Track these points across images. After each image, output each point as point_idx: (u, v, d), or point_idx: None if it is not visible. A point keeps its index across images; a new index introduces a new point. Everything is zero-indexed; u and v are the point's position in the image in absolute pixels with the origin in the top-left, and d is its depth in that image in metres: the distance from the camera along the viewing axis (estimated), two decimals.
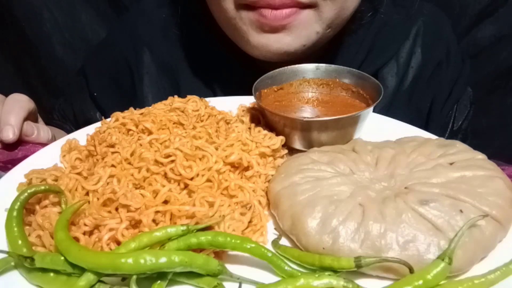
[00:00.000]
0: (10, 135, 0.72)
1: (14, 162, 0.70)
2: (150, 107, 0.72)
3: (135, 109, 0.73)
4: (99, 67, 1.02)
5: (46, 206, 0.56)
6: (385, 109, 0.91)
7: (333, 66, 0.76)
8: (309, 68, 0.77)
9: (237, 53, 0.87)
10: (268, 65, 0.82)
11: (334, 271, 0.48)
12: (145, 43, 0.97)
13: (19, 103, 0.77)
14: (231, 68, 0.93)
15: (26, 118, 0.77)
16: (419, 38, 0.95)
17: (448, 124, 0.98)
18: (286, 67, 0.77)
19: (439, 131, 0.94)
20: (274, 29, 0.77)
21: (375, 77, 0.87)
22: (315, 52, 0.85)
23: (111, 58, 1.01)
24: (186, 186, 0.58)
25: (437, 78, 0.96)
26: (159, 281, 0.48)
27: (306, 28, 0.78)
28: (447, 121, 0.98)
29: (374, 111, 0.69)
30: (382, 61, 0.93)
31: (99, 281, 0.47)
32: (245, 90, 0.75)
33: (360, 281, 0.47)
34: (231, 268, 0.50)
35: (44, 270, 0.48)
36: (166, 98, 0.76)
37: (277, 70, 0.76)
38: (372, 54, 0.93)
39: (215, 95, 0.95)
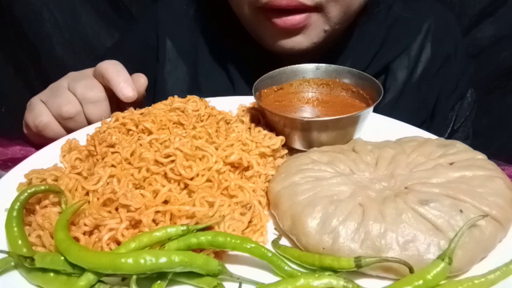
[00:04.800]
0: (130, 93, 0.74)
1: (15, 161, 0.70)
2: (150, 107, 0.72)
3: (156, 99, 0.73)
4: (120, 60, 1.04)
5: (46, 206, 0.56)
6: (394, 100, 0.95)
7: (333, 66, 0.76)
8: (309, 68, 0.77)
9: (254, 40, 0.92)
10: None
11: (334, 271, 0.48)
12: (167, 32, 1.01)
13: (118, 65, 0.77)
14: (249, 56, 0.96)
15: None
16: (430, 34, 0.98)
17: (451, 120, 1.01)
18: (286, 67, 0.77)
19: (443, 125, 0.99)
20: (286, 35, 0.84)
21: (386, 69, 0.94)
22: (328, 45, 0.90)
23: (134, 49, 1.04)
24: (186, 186, 0.58)
25: (445, 71, 0.99)
26: (159, 281, 0.48)
27: (315, 29, 0.84)
28: (451, 116, 1.01)
29: (380, 106, 0.69)
30: (394, 54, 0.97)
31: (99, 281, 0.47)
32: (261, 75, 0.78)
33: (360, 281, 0.48)
34: (231, 268, 0.50)
35: (44, 270, 0.48)
36: (184, 85, 0.78)
37: (277, 70, 0.76)
38: (384, 48, 0.97)
39: (232, 83, 0.98)
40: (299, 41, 0.84)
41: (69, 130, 0.76)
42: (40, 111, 0.76)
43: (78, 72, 0.81)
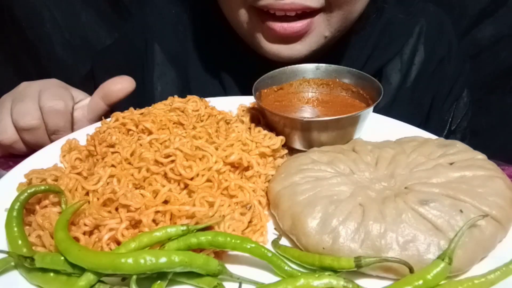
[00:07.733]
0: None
1: (15, 160, 0.70)
2: (150, 107, 0.72)
3: (143, 103, 0.73)
4: (108, 65, 1.03)
5: (46, 206, 0.56)
6: (388, 105, 0.93)
7: (333, 66, 0.76)
8: (309, 68, 0.77)
9: (246, 47, 0.89)
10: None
11: (334, 271, 0.48)
12: (155, 37, 0.99)
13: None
14: (240, 60, 0.94)
15: None
16: (422, 36, 0.97)
17: (447, 122, 1.00)
18: (286, 67, 0.77)
19: (439, 128, 0.97)
20: (285, 41, 0.80)
21: (380, 73, 0.91)
22: (322, 51, 0.87)
23: (122, 53, 1.02)
24: (186, 186, 0.58)
25: (439, 74, 0.97)
26: (159, 281, 0.48)
27: (316, 35, 0.81)
28: (447, 118, 1.00)
29: (376, 108, 0.69)
30: (387, 57, 0.95)
31: (99, 281, 0.47)
32: (254, 82, 0.75)
33: (360, 281, 0.48)
34: (231, 268, 0.50)
35: (44, 270, 0.48)
36: (174, 89, 0.76)
37: (277, 70, 0.76)
38: (377, 51, 0.95)
39: (223, 86, 0.96)
40: (298, 49, 0.81)
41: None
42: None
43: (24, 87, 0.81)
